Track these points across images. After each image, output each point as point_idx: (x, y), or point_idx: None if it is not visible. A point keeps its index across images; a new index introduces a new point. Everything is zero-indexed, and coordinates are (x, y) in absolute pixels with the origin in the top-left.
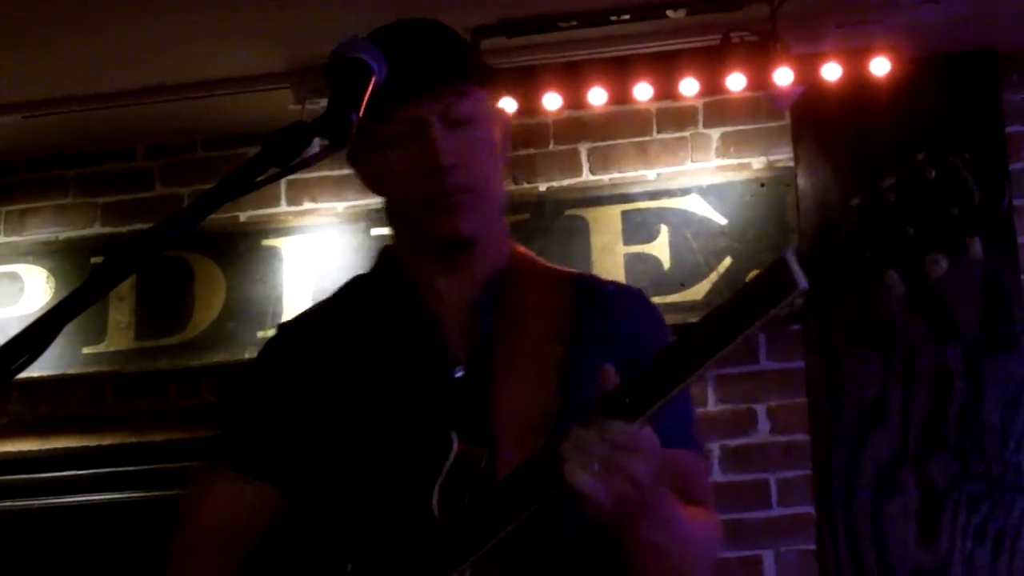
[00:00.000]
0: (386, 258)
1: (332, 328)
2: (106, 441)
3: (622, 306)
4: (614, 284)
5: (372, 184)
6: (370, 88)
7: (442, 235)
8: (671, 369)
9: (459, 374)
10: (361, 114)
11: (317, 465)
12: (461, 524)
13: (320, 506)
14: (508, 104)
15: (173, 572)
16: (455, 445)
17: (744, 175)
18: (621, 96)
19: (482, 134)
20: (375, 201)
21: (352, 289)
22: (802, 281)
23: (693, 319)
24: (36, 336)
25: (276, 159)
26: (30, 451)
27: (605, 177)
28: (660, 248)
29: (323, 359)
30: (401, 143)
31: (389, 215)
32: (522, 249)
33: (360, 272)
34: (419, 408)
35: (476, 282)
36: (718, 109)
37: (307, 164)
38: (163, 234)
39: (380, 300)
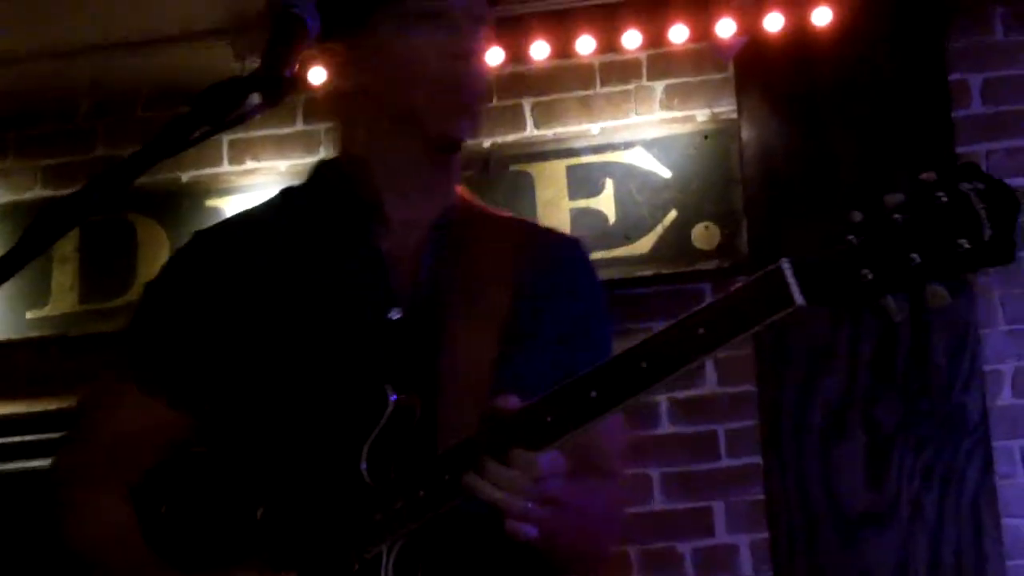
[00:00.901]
0: (330, 172)
1: (259, 242)
2: (52, 405)
3: (564, 255)
4: (556, 232)
5: (361, 71)
6: (304, 44)
7: (444, 127)
8: (610, 386)
9: (395, 316)
10: (296, 71)
11: (235, 394)
12: (391, 492)
13: (233, 438)
14: None
15: (64, 497)
16: (391, 399)
17: (688, 128)
18: (564, 50)
19: (487, 39)
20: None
21: (282, 202)
22: (799, 298)
23: (639, 273)
24: None
25: (210, 116)
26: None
27: (549, 132)
28: (605, 202)
29: (246, 276)
30: (426, 22)
31: (360, 117)
32: (467, 193)
33: (291, 187)
34: (352, 349)
35: (427, 215)
36: (661, 61)
37: (241, 120)
38: (98, 190)
39: (317, 218)
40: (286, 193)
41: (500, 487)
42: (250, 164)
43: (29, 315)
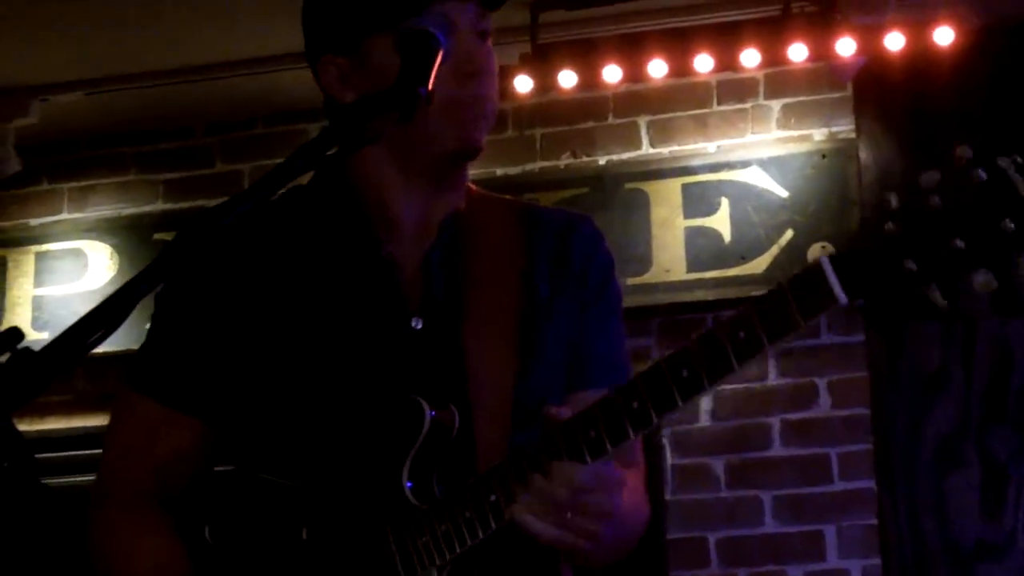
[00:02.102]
0: (337, 173)
1: (269, 243)
2: None
3: (569, 234)
4: (560, 211)
5: (365, 87)
6: (438, 60)
7: (458, 142)
8: (652, 396)
9: (417, 326)
10: (430, 87)
11: (256, 405)
12: (437, 513)
13: (261, 453)
14: (568, 78)
15: (99, 530)
16: (427, 414)
17: (805, 147)
18: (681, 68)
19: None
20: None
21: (289, 202)
22: (841, 296)
23: (754, 292)
24: (110, 311)
25: (344, 133)
26: (96, 427)
27: (665, 150)
28: (721, 221)
29: (254, 281)
30: (450, 38)
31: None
32: (473, 186)
33: (299, 186)
34: (378, 360)
35: (435, 219)
36: (779, 80)
37: (378, 138)
38: (230, 211)
39: (324, 222)
40: (293, 192)
41: (542, 502)
42: None
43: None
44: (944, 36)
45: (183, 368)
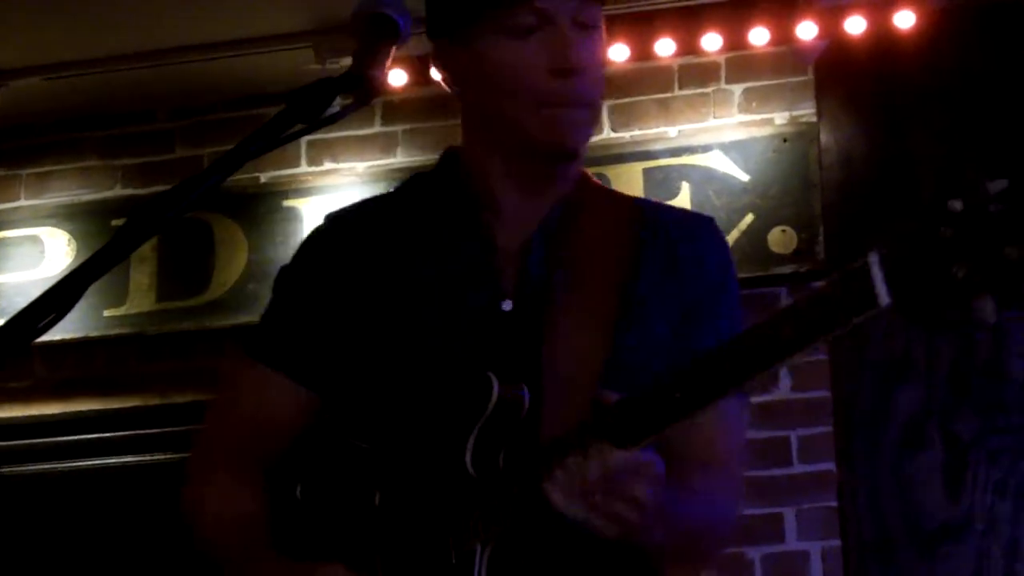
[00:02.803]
0: (452, 161)
1: (383, 229)
2: (129, 403)
3: (689, 237)
4: (682, 212)
5: (467, 76)
6: (395, 46)
7: (549, 143)
8: (693, 388)
9: (507, 307)
10: (385, 72)
11: (354, 374)
12: (494, 485)
13: (354, 420)
14: None
15: (195, 476)
16: (495, 390)
17: (767, 131)
18: (643, 52)
19: (601, 42)
20: (396, 160)
21: (410, 189)
22: (884, 298)
23: None
24: (61, 296)
25: (300, 116)
26: (53, 414)
27: (626, 134)
28: (682, 205)
29: (370, 261)
30: (528, 35)
31: (471, 114)
32: (590, 175)
33: (420, 173)
34: (463, 341)
35: (541, 206)
36: (741, 64)
37: (331, 121)
38: (185, 194)
39: (437, 207)
40: (415, 179)
41: (572, 481)
42: (328, 165)
43: (107, 313)
44: (905, 19)
45: (294, 337)
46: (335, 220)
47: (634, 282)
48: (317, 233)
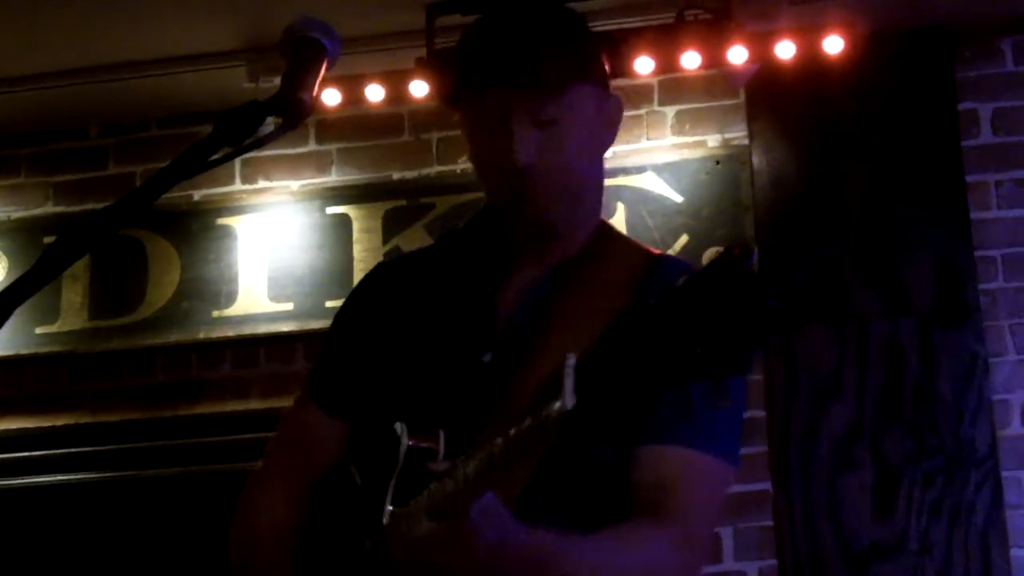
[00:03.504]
0: (487, 214)
1: (416, 276)
2: (60, 422)
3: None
4: (675, 260)
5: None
6: (323, 68)
7: (520, 223)
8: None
9: (487, 359)
10: (315, 94)
11: (365, 413)
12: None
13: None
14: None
15: (250, 485)
16: (404, 441)
17: (699, 153)
18: None
19: (571, 131)
20: (330, 179)
21: (445, 241)
22: (570, 400)
23: None
24: None
25: (229, 138)
26: None
27: None
28: (617, 225)
29: (400, 308)
30: (485, 130)
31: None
32: (610, 227)
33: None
34: (444, 392)
35: (547, 263)
36: (673, 87)
37: (260, 144)
38: (117, 213)
39: (459, 260)
40: (449, 233)
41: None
42: (262, 183)
43: (39, 331)
44: (834, 44)
45: (329, 374)
46: (381, 266)
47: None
48: (365, 278)
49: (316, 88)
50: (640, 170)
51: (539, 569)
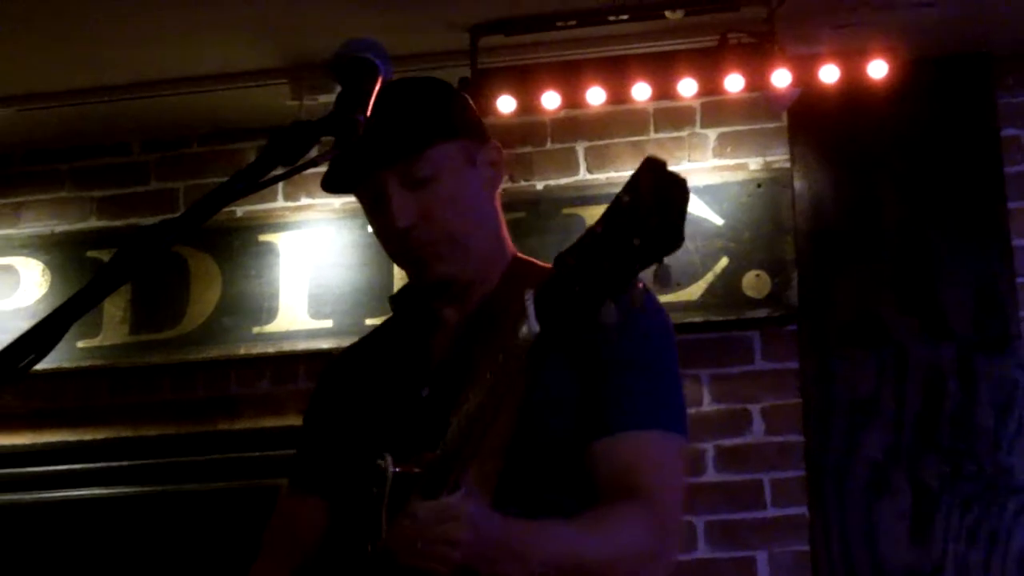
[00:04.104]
0: (407, 289)
1: (360, 357)
2: (100, 435)
3: None
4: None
5: None
6: (377, 87)
7: (421, 282)
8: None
9: (425, 393)
10: (367, 113)
11: (333, 479)
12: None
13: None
14: (506, 103)
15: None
16: (391, 470)
17: (741, 175)
18: (619, 96)
19: (445, 184)
20: None
21: (384, 323)
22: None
23: (688, 319)
24: (43, 335)
25: (282, 157)
26: (23, 445)
27: (602, 176)
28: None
29: (347, 385)
30: (374, 210)
31: None
32: (522, 259)
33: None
34: (388, 429)
35: (471, 304)
36: (715, 109)
37: (313, 164)
38: (167, 233)
39: (398, 328)
40: (403, 291)
41: (403, 535)
42: (305, 200)
43: (80, 344)
44: (878, 69)
45: (304, 458)
46: (331, 362)
47: (542, 352)
48: (321, 372)
49: (369, 108)
50: None
51: (520, 558)
